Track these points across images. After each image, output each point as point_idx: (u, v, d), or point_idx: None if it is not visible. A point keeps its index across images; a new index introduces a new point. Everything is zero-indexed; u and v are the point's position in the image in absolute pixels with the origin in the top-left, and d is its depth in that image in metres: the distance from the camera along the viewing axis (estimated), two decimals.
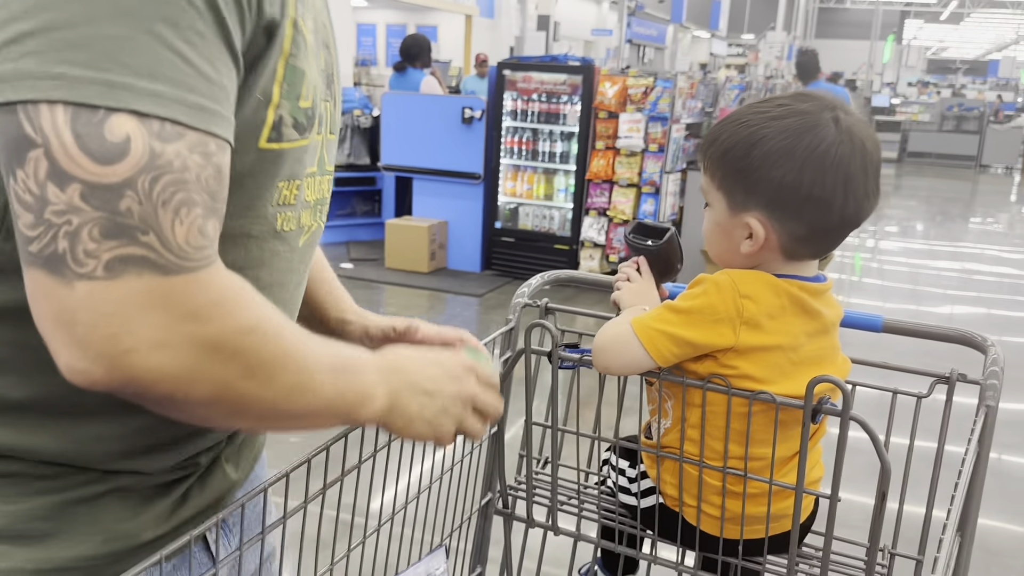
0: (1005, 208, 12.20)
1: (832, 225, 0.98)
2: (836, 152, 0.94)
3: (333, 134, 0.89)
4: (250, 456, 0.96)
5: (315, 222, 0.87)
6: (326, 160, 0.86)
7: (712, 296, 0.96)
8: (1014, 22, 38.21)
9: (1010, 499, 3.34)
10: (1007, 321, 6.04)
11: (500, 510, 1.24)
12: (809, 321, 0.99)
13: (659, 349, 0.98)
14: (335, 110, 0.88)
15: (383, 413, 0.80)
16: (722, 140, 1.00)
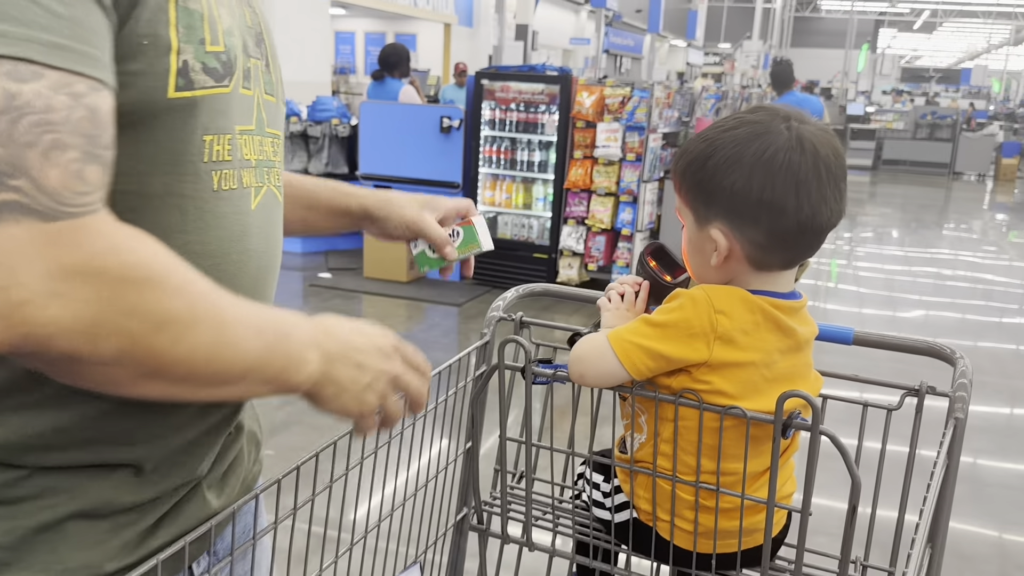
0: (978, 215, 12.36)
1: (789, 229, 0.97)
2: (785, 157, 0.95)
3: (272, 95, 0.88)
4: (235, 483, 0.93)
5: (264, 184, 0.85)
6: (265, 120, 0.85)
7: (687, 311, 0.97)
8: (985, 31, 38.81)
9: (984, 504, 3.37)
10: (980, 326, 6.12)
11: (475, 526, 1.24)
12: (783, 338, 0.99)
13: (634, 362, 0.99)
14: (270, 72, 0.88)
15: (316, 380, 0.77)
16: (684, 156, 1.02)
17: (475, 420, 1.21)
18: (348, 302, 5.86)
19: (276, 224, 0.89)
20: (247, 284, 0.83)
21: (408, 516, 1.14)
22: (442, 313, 5.73)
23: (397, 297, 5.98)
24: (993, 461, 3.81)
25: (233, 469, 0.92)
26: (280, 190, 0.91)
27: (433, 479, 1.17)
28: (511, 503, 1.25)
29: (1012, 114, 22.51)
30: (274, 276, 0.90)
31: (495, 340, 1.23)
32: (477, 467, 1.25)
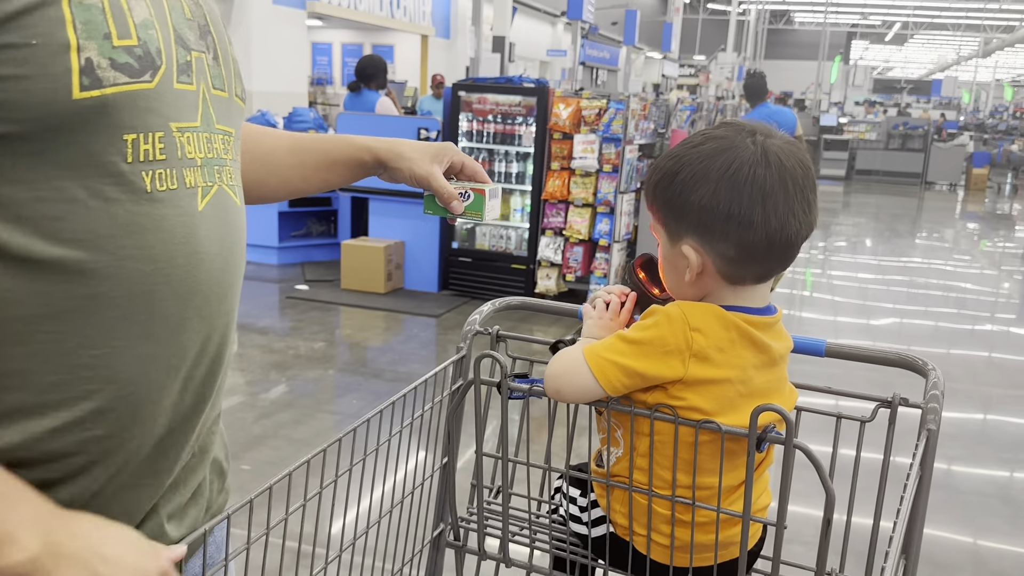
0: (950, 224, 12.54)
1: (758, 243, 0.97)
2: (750, 171, 0.96)
3: (221, 90, 0.85)
4: (197, 514, 0.90)
5: (215, 183, 0.82)
6: (214, 117, 0.83)
7: (663, 328, 0.98)
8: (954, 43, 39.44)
9: (958, 511, 3.41)
10: (953, 334, 6.19)
11: (451, 542, 1.23)
12: (758, 354, 1.00)
13: (609, 379, 0.99)
14: (220, 67, 0.85)
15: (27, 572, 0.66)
16: (654, 175, 1.03)
17: (451, 435, 1.20)
18: (325, 314, 5.83)
19: (233, 226, 0.85)
20: (202, 290, 0.80)
21: (384, 532, 1.14)
22: (420, 324, 5.71)
23: (374, 309, 5.96)
24: (966, 468, 3.85)
25: (195, 500, 0.90)
26: (237, 190, 0.87)
27: (409, 495, 1.16)
28: (488, 519, 1.25)
29: (982, 125, 22.90)
30: (235, 282, 0.87)
31: (471, 354, 1.22)
32: (453, 482, 1.24)
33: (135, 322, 0.74)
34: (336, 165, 1.18)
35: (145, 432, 0.78)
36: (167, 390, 0.79)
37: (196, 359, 0.81)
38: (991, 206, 14.87)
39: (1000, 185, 17.86)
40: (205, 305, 0.81)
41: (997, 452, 4.04)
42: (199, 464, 0.90)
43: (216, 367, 0.85)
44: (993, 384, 5.05)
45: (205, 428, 0.88)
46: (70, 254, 0.71)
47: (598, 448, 1.13)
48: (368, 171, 1.19)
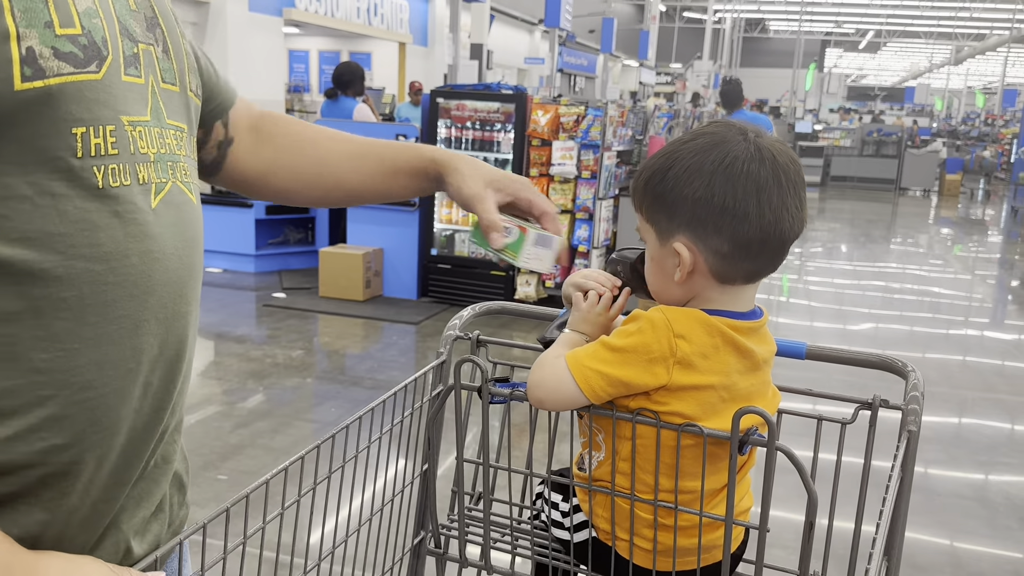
0: (924, 229, 12.68)
1: (752, 237, 0.97)
2: (744, 165, 0.96)
3: (172, 84, 0.82)
4: (159, 530, 0.87)
5: (169, 180, 0.78)
6: (164, 111, 0.80)
7: (647, 335, 0.96)
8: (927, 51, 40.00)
9: (936, 514, 3.43)
10: (929, 338, 6.25)
11: (432, 550, 1.21)
12: (741, 359, 0.99)
13: (593, 388, 0.97)
14: (170, 60, 0.82)
15: None
16: (643, 173, 1.02)
17: (431, 441, 1.19)
18: (303, 322, 5.79)
19: (189, 224, 0.82)
20: (157, 290, 0.77)
21: (364, 541, 1.12)
22: (399, 332, 5.68)
23: (353, 316, 5.92)
24: (943, 471, 3.88)
25: (157, 515, 0.86)
26: (192, 187, 0.84)
27: (389, 503, 1.14)
28: (469, 525, 1.23)
29: (954, 131, 23.22)
30: (192, 281, 0.83)
31: (451, 359, 1.21)
32: (434, 489, 1.23)
33: (88, 324, 0.71)
34: (399, 174, 1.14)
35: (105, 440, 0.75)
36: (126, 395, 0.75)
37: (154, 362, 0.78)
38: (964, 211, 15.06)
39: (973, 191, 18.11)
40: (161, 306, 0.78)
41: (973, 455, 4.08)
42: (161, 476, 0.86)
43: (175, 371, 0.82)
44: (968, 387, 5.11)
45: (166, 436, 0.85)
46: (18, 254, 0.68)
47: (580, 452, 1.12)
48: (431, 182, 1.14)
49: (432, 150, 1.15)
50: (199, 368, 4.92)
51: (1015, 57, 34.90)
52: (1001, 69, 32.10)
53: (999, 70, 35.17)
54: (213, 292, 6.56)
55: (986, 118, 29.02)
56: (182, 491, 0.94)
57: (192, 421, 3.97)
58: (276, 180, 1.13)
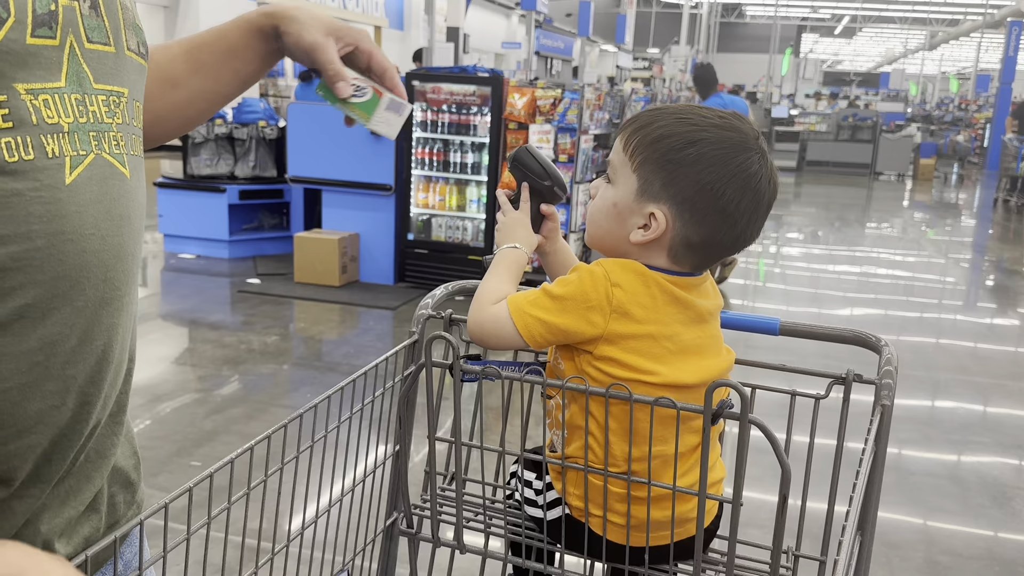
0: (898, 213, 12.79)
1: (725, 243, 1.01)
2: (759, 182, 0.99)
3: (103, 44, 0.73)
4: (90, 530, 0.80)
5: (88, 151, 0.70)
6: (89, 75, 0.71)
7: (586, 284, 0.98)
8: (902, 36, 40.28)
9: (909, 492, 3.47)
10: (903, 321, 6.31)
11: (404, 530, 1.20)
12: (682, 310, 1.00)
13: (532, 333, 1.00)
14: (102, 17, 0.73)
15: None
16: (658, 126, 0.99)
17: (402, 421, 1.17)
18: (278, 308, 5.74)
19: (117, 199, 0.74)
20: (70, 275, 0.69)
21: (335, 522, 1.10)
22: (375, 317, 5.65)
23: (329, 302, 5.88)
24: (917, 451, 3.93)
25: (89, 515, 0.79)
26: (125, 159, 0.75)
27: (360, 483, 1.13)
28: (443, 505, 1.22)
29: (929, 116, 23.41)
30: (123, 264, 0.75)
31: (424, 338, 1.19)
32: (406, 469, 1.21)
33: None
34: (238, 50, 1.04)
35: (12, 438, 0.68)
36: (35, 390, 0.68)
37: (71, 354, 0.71)
38: (938, 195, 15.21)
39: (947, 175, 18.29)
40: (78, 293, 0.70)
41: (946, 435, 4.13)
42: (94, 471, 0.79)
43: (104, 362, 0.74)
44: (942, 369, 5.16)
45: (98, 430, 0.78)
46: None
47: (551, 437, 1.11)
48: (269, 41, 1.05)
49: (260, 8, 1.05)
50: (173, 355, 4.87)
51: (988, 43, 35.21)
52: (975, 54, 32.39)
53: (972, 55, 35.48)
54: (186, 278, 6.48)
55: (960, 103, 29.29)
56: (130, 489, 0.88)
57: (166, 408, 3.93)
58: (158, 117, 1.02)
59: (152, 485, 3.17)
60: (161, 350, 4.88)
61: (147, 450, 3.47)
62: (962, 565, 2.96)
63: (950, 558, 2.99)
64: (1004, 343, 6.00)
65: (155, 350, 4.85)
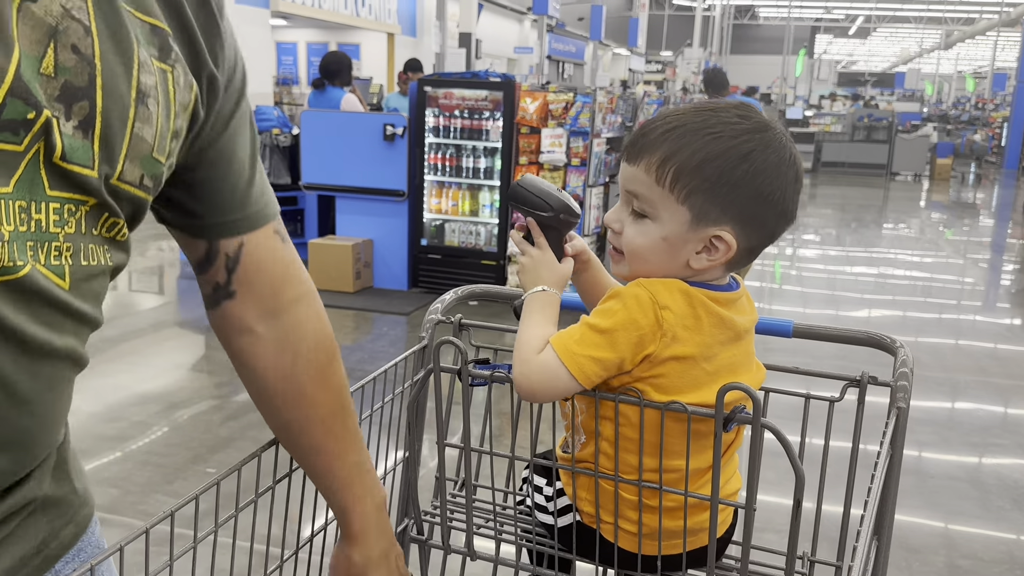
0: (915, 214, 12.69)
1: (779, 232, 0.99)
2: (795, 161, 0.97)
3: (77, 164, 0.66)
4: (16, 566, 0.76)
5: (29, 263, 0.64)
6: (44, 182, 0.65)
7: (633, 311, 0.93)
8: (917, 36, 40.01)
9: (929, 496, 3.43)
10: (921, 322, 6.25)
11: (415, 537, 1.19)
12: (723, 330, 0.97)
13: (587, 375, 0.94)
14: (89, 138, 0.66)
15: None
16: (693, 151, 0.93)
17: (411, 426, 1.16)
18: None
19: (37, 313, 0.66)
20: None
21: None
22: (389, 323, 5.66)
23: (343, 308, 5.89)
24: (936, 453, 3.88)
25: (6, 547, 0.74)
26: (65, 271, 0.68)
27: None
28: (453, 512, 1.21)
29: (945, 116, 23.22)
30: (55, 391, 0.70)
31: (433, 343, 1.18)
32: (416, 475, 1.21)
33: None
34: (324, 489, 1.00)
35: None
36: None
37: None
38: (956, 195, 15.08)
39: (964, 175, 18.13)
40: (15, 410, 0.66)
41: (966, 436, 4.08)
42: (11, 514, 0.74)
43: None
44: (961, 370, 5.10)
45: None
46: None
47: (564, 436, 1.09)
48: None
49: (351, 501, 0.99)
50: (189, 363, 4.89)
51: (1005, 41, 34.92)
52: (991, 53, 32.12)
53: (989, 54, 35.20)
54: None
55: (976, 102, 29.04)
56: (66, 513, 0.83)
57: (183, 415, 3.95)
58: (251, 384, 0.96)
59: (167, 492, 3.18)
60: (177, 357, 4.90)
61: (163, 457, 3.48)
62: (983, 569, 2.91)
63: (971, 562, 2.95)
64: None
65: (172, 357, 4.87)
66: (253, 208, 0.88)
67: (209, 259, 0.88)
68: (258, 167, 0.90)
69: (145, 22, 0.71)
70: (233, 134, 0.84)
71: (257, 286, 0.91)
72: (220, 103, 0.80)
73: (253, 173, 0.88)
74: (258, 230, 0.90)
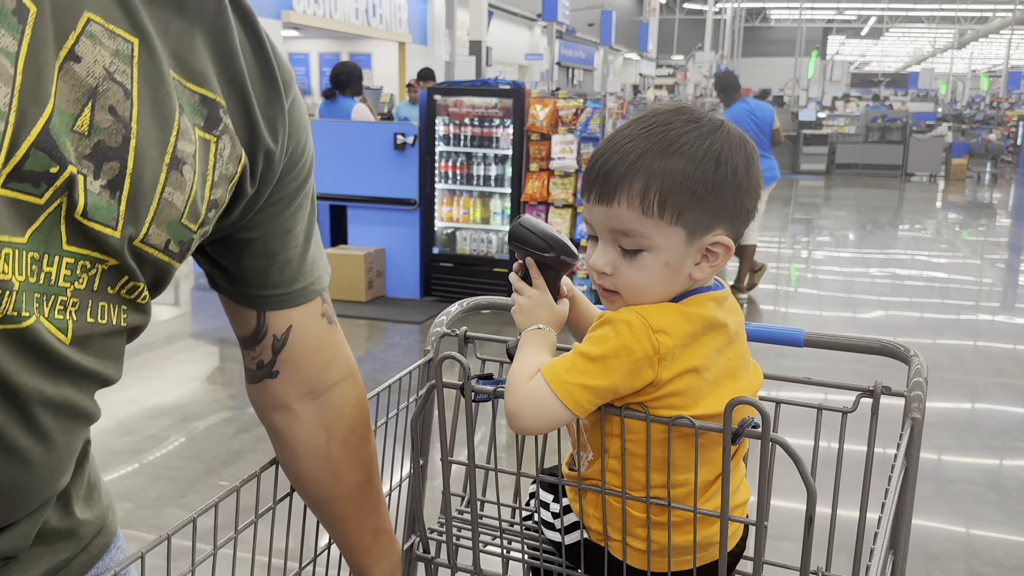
0: (931, 215, 12.58)
1: (755, 211, 0.99)
2: (749, 144, 0.97)
3: (100, 224, 0.66)
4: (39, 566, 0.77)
5: (31, 314, 0.64)
6: (63, 236, 0.65)
7: (625, 337, 0.91)
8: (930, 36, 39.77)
9: (949, 501, 3.38)
10: (938, 324, 6.19)
11: (421, 555, 1.17)
12: (717, 336, 0.96)
13: (579, 403, 0.92)
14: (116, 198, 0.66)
15: None
16: (670, 173, 0.91)
17: (415, 442, 1.15)
18: None
19: (36, 365, 0.66)
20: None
21: None
22: (402, 332, 5.65)
23: (356, 317, 5.89)
24: (956, 457, 3.83)
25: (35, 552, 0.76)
26: (68, 327, 0.68)
27: None
28: (460, 529, 1.19)
29: (960, 115, 23.04)
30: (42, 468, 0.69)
31: (437, 357, 1.17)
32: (421, 492, 1.19)
33: None
34: (339, 537, 1.02)
35: None
36: None
37: None
38: (972, 195, 14.95)
39: (980, 174, 17.97)
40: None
41: (985, 440, 4.02)
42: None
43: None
44: (979, 372, 5.04)
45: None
46: None
47: (571, 452, 1.08)
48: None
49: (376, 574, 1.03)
50: (203, 374, 4.90)
51: (1019, 39, 34.65)
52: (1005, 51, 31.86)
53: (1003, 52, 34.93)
54: (216, 297, 6.50)
55: (991, 101, 28.81)
56: (68, 541, 0.82)
57: (197, 427, 3.95)
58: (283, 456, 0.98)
59: (180, 505, 3.18)
60: (191, 369, 4.91)
61: (176, 470, 3.48)
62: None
63: (992, 569, 2.90)
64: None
65: (185, 369, 4.88)
66: (302, 283, 0.90)
67: (256, 337, 0.91)
68: (313, 240, 0.92)
69: (195, 92, 0.72)
70: (295, 211, 0.86)
71: (302, 369, 0.93)
72: (280, 179, 0.82)
73: (307, 247, 0.90)
74: (306, 305, 0.92)
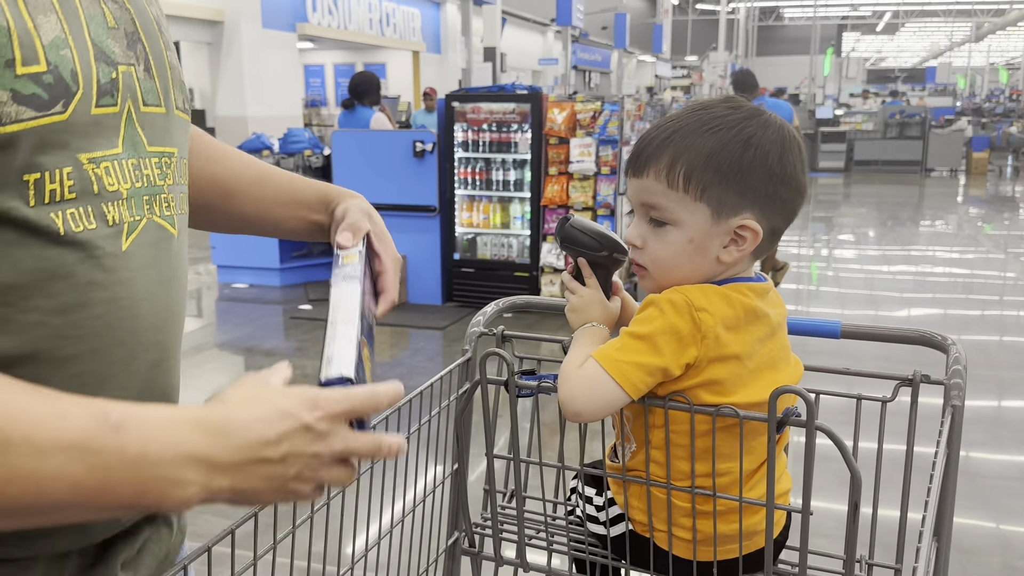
0: (952, 210, 12.48)
1: (798, 206, 1.00)
2: (796, 140, 0.98)
3: (156, 106, 0.73)
4: (152, 562, 0.83)
5: (142, 216, 0.71)
6: (143, 139, 0.72)
7: (670, 316, 0.93)
8: (946, 30, 39.46)
9: (981, 496, 3.36)
10: (964, 320, 6.14)
11: (467, 549, 1.19)
12: (760, 326, 0.97)
13: (633, 382, 0.93)
14: (153, 79, 0.73)
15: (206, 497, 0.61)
16: (696, 148, 0.94)
17: (460, 439, 1.17)
18: None
19: (167, 263, 0.75)
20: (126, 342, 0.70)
21: (397, 544, 1.10)
22: (425, 337, 5.68)
23: (379, 324, 5.91)
24: (986, 453, 3.80)
25: (148, 547, 0.81)
26: (175, 219, 0.76)
27: (421, 503, 1.12)
28: (504, 523, 1.21)
29: (979, 109, 22.84)
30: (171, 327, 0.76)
31: (477, 356, 1.19)
32: (465, 488, 1.21)
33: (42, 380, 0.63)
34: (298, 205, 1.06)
35: None
36: None
37: None
38: (993, 189, 14.81)
39: (1001, 168, 17.80)
40: (132, 357, 0.72)
41: (1016, 435, 3.99)
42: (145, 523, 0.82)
43: None
44: (1007, 367, 5.00)
45: None
46: None
47: (613, 443, 1.09)
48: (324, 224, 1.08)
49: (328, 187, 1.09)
50: (230, 383, 4.93)
51: None
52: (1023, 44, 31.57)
53: (1021, 45, 34.60)
54: (240, 307, 6.59)
55: (1011, 94, 28.55)
56: (168, 524, 0.89)
57: None
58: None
59: (211, 511, 3.21)
60: (218, 379, 4.96)
61: None
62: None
63: None
64: None
65: (212, 379, 4.93)
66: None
67: None
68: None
69: None
70: None
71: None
72: None
73: None
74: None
